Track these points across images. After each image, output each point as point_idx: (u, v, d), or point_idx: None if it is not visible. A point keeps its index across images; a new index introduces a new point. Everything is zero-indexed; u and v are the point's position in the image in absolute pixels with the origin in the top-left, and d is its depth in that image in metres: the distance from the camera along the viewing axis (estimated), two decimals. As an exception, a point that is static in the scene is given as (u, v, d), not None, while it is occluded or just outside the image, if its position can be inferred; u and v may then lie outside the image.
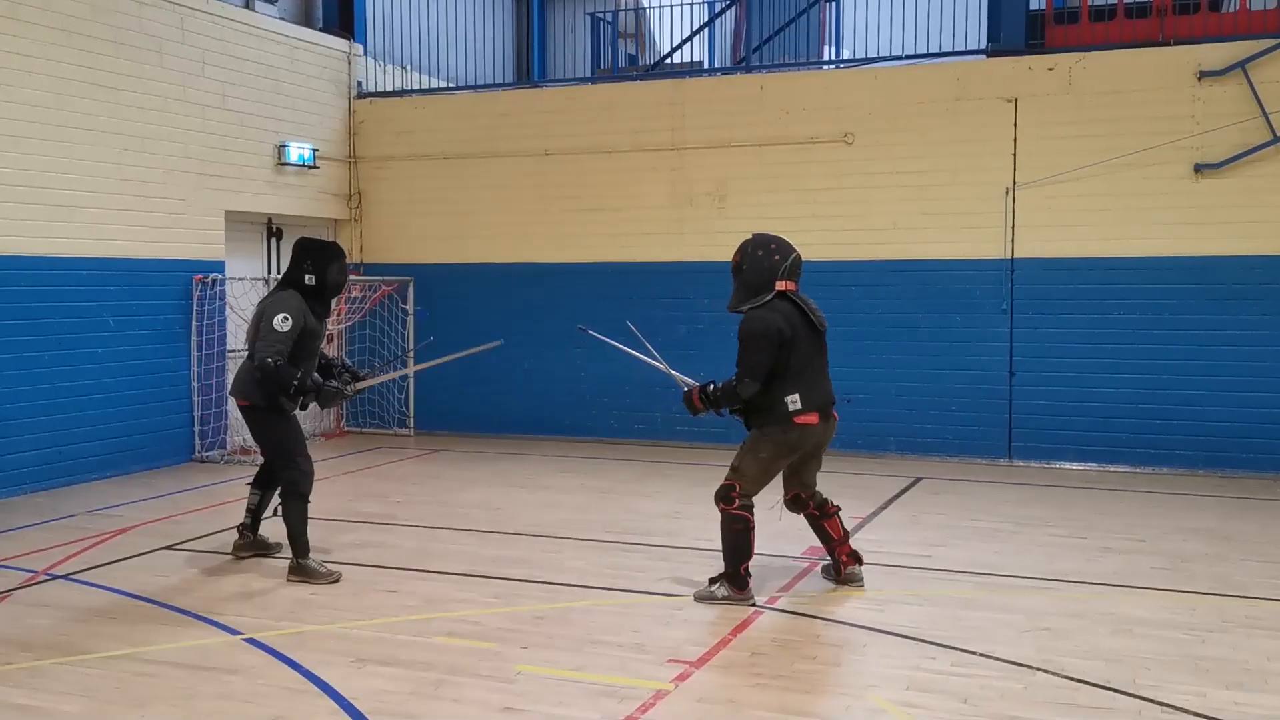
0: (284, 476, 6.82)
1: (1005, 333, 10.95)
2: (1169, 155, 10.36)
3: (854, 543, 6.78)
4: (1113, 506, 8.98)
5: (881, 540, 7.71)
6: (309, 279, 6.70)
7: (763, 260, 6.27)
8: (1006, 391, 10.96)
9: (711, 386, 6.36)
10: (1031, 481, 10.08)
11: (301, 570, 6.72)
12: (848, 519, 6.87)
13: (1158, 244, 10.47)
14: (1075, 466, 10.71)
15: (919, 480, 10.10)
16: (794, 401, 6.14)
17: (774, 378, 6.15)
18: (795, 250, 6.35)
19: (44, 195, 9.53)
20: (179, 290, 10.84)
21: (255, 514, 7.22)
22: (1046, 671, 5.19)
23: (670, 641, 5.63)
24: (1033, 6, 11.38)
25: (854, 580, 6.60)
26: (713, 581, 6.40)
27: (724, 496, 6.27)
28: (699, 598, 6.36)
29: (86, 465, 9.92)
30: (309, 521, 6.83)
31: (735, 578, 6.28)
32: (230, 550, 7.27)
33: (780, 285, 6.25)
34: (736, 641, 5.62)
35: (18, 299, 9.34)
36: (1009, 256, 10.90)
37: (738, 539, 6.24)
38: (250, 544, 7.24)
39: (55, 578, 6.85)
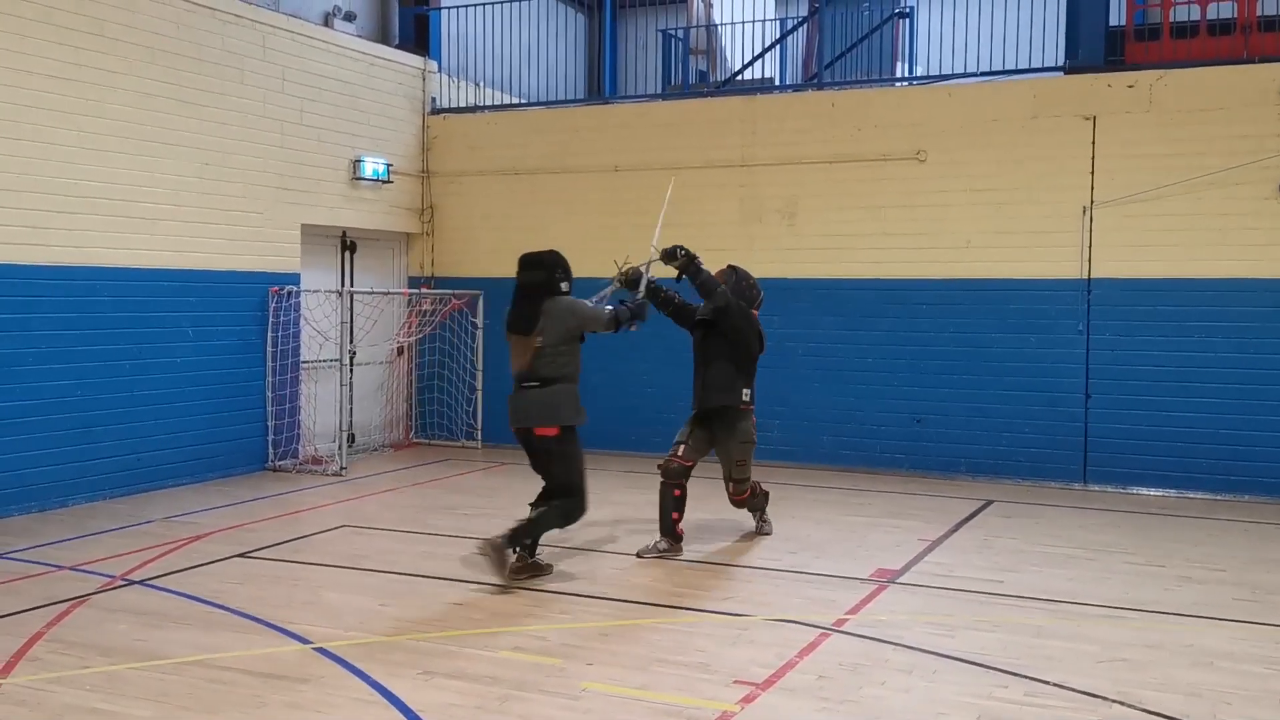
0: (565, 503, 7.12)
1: (1081, 354, 10.75)
2: (1252, 175, 10.11)
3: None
4: (1192, 535, 8.76)
5: (951, 564, 7.59)
6: (565, 285, 7.33)
7: (746, 290, 8.02)
8: (1082, 414, 10.74)
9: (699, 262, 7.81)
10: (1107, 507, 9.87)
11: (531, 569, 7.10)
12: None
13: (1239, 266, 10.21)
14: (1153, 493, 10.46)
15: (990, 503, 9.94)
16: (747, 395, 7.93)
17: (745, 374, 7.84)
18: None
19: (127, 208, 9.77)
20: (255, 302, 11.05)
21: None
22: (1122, 704, 5.06)
23: (736, 662, 5.59)
24: (1112, 23, 11.19)
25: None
26: (760, 515, 8.44)
27: (750, 504, 8.27)
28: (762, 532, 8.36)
29: (164, 472, 10.14)
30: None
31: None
32: (507, 574, 6.98)
33: (754, 312, 8.04)
34: (803, 664, 5.56)
35: (100, 309, 9.58)
36: (1086, 277, 10.71)
37: (761, 503, 8.45)
38: (526, 566, 7.16)
39: (132, 583, 6.99)
